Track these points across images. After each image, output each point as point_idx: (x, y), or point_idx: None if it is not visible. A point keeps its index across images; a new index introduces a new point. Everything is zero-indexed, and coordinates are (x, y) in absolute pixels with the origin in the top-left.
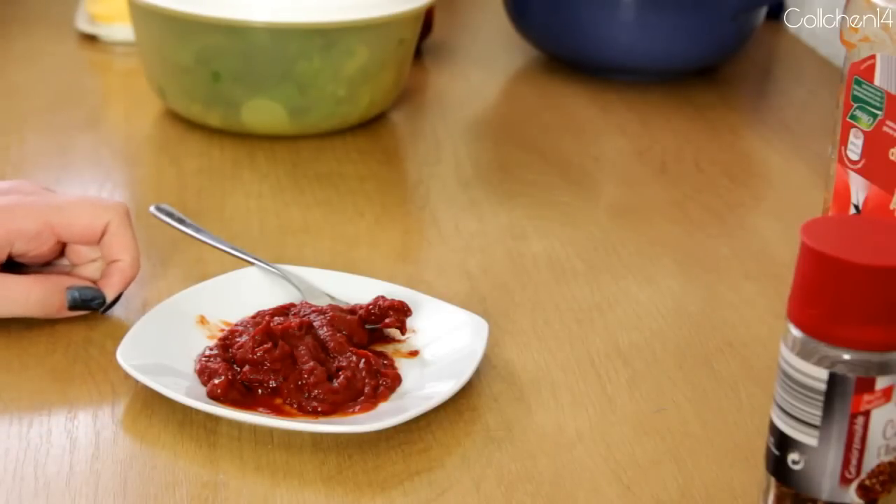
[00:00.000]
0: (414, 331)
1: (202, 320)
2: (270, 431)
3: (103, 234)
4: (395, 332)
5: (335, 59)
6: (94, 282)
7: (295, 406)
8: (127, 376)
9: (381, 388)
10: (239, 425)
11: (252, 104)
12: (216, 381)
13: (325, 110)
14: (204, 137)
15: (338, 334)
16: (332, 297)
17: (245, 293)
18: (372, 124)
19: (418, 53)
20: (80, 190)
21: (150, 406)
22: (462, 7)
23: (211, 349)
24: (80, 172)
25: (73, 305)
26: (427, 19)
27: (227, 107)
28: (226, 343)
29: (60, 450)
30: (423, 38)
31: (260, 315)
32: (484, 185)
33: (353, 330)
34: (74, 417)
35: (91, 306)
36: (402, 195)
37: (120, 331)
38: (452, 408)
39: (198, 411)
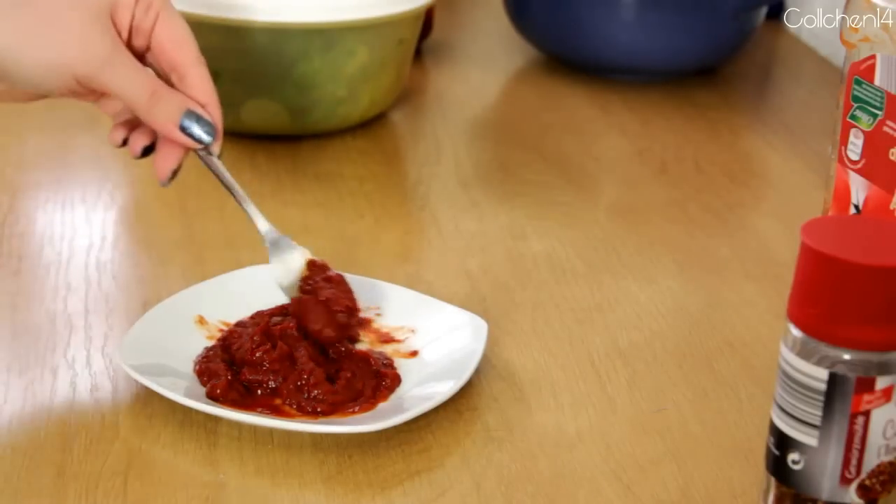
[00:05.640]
0: (413, 331)
1: (201, 321)
2: (270, 431)
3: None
4: (373, 317)
5: (335, 59)
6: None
7: (294, 406)
8: (127, 376)
9: (381, 388)
10: (239, 425)
11: (252, 104)
12: (215, 382)
13: (325, 110)
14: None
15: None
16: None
17: (244, 293)
18: (372, 124)
19: (418, 53)
20: (79, 190)
21: (150, 406)
22: (462, 7)
23: (210, 350)
24: (80, 172)
25: (185, 129)
26: (427, 19)
27: (227, 107)
28: (225, 343)
29: (60, 450)
30: (423, 38)
31: (259, 315)
32: (484, 185)
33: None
34: (74, 417)
35: (202, 139)
36: (402, 195)
37: (120, 331)
38: (452, 408)
39: (198, 411)
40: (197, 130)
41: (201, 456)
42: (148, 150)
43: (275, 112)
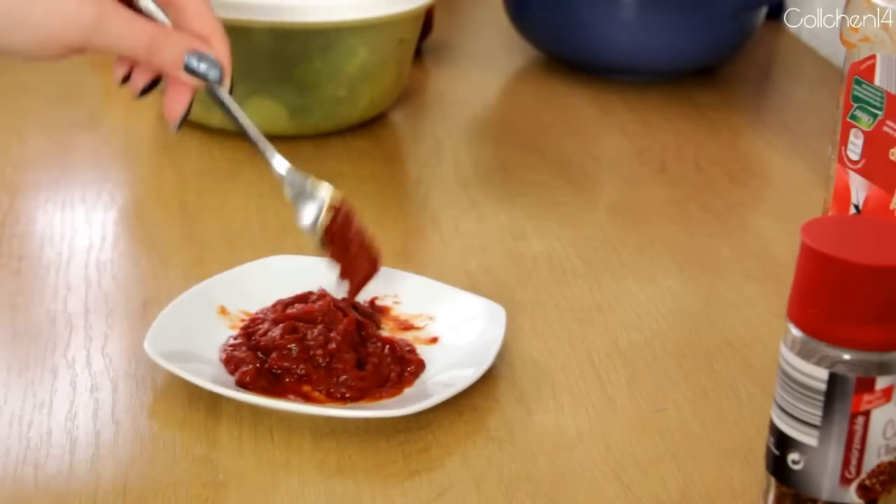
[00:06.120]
0: (432, 318)
1: (223, 311)
2: (270, 431)
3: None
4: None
5: (335, 59)
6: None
7: (323, 392)
8: (126, 376)
9: (407, 374)
10: (239, 425)
11: (252, 104)
12: (245, 370)
13: (325, 110)
14: (204, 137)
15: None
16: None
17: (263, 283)
18: (372, 124)
19: (418, 53)
20: (79, 190)
21: (150, 406)
22: (462, 7)
23: (235, 339)
24: (80, 172)
25: (190, 69)
26: (427, 19)
27: None
28: (247, 332)
29: (60, 450)
30: (423, 38)
31: (280, 304)
32: (484, 185)
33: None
34: (74, 417)
35: (208, 77)
36: (403, 195)
37: (120, 331)
38: (452, 408)
39: (197, 409)
40: (203, 69)
41: (201, 456)
42: (148, 88)
43: (275, 112)
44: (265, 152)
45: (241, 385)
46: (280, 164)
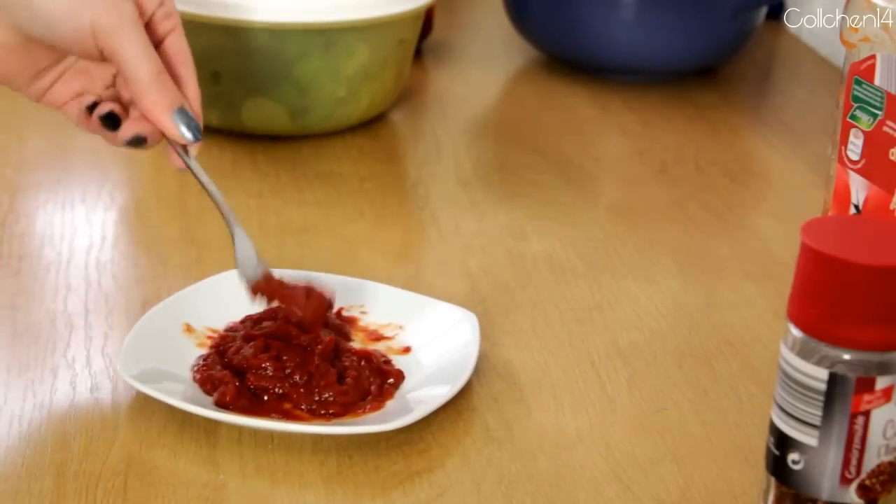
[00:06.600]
0: (402, 327)
1: (188, 328)
2: (270, 432)
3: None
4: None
5: (335, 59)
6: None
7: (305, 410)
8: None
9: (387, 386)
10: (239, 426)
11: (252, 104)
12: (224, 390)
13: (325, 110)
14: (204, 137)
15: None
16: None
17: (224, 299)
18: (372, 124)
19: (418, 53)
20: (79, 190)
21: (151, 406)
22: (462, 7)
23: (206, 357)
24: (80, 172)
25: (176, 119)
26: (427, 19)
27: (227, 107)
28: (219, 350)
29: (60, 450)
30: (423, 38)
31: (249, 319)
32: (484, 185)
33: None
34: (74, 417)
35: (186, 136)
36: (402, 195)
37: (120, 331)
38: (452, 408)
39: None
40: (184, 125)
41: (201, 456)
42: (106, 119)
43: (275, 112)
44: (228, 219)
45: (221, 405)
46: (239, 235)
